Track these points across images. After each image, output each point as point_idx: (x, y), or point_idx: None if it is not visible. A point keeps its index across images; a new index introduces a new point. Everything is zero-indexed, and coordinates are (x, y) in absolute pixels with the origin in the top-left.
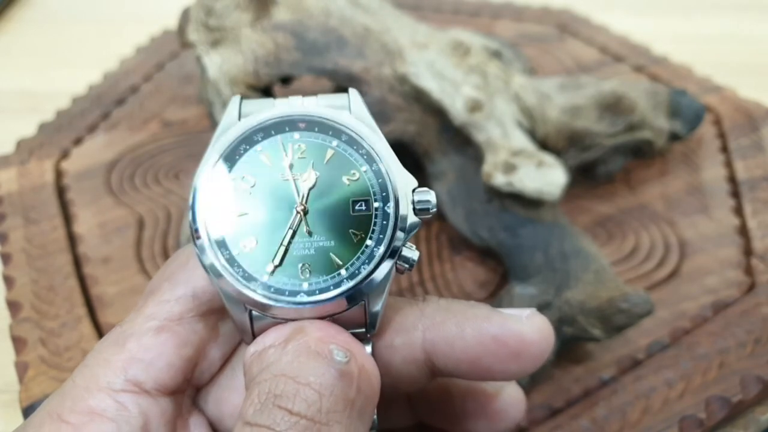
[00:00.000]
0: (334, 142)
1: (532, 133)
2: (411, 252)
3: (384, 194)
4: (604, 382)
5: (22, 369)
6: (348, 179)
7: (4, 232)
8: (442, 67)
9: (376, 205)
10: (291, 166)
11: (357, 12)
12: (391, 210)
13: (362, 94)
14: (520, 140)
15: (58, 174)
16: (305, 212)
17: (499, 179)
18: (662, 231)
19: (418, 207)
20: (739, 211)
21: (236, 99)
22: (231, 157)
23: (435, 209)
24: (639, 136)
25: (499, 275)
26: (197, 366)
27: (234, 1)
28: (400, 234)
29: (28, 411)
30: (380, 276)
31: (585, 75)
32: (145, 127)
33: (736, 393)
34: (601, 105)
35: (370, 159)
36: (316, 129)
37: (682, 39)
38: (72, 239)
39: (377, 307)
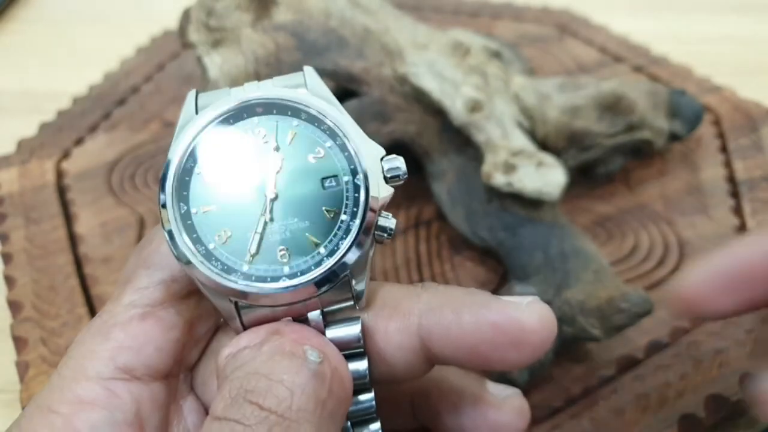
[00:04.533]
0: (295, 122)
1: (532, 133)
2: (388, 221)
3: (352, 167)
4: (603, 381)
5: (22, 368)
6: (314, 157)
7: (5, 232)
8: (442, 67)
9: (345, 179)
10: (254, 152)
11: (357, 12)
12: (361, 182)
13: (362, 94)
14: (520, 140)
15: (59, 174)
16: (275, 197)
17: (499, 179)
18: (662, 231)
19: (388, 175)
20: (738, 211)
21: (192, 93)
22: (193, 153)
23: (406, 176)
24: (639, 136)
25: (499, 275)
26: (185, 346)
27: (235, 1)
28: (373, 204)
29: None
30: (360, 247)
31: (585, 75)
32: (146, 128)
33: (736, 393)
34: (600, 105)
35: (333, 134)
36: (275, 111)
37: (682, 39)
38: (73, 239)
39: (361, 281)
